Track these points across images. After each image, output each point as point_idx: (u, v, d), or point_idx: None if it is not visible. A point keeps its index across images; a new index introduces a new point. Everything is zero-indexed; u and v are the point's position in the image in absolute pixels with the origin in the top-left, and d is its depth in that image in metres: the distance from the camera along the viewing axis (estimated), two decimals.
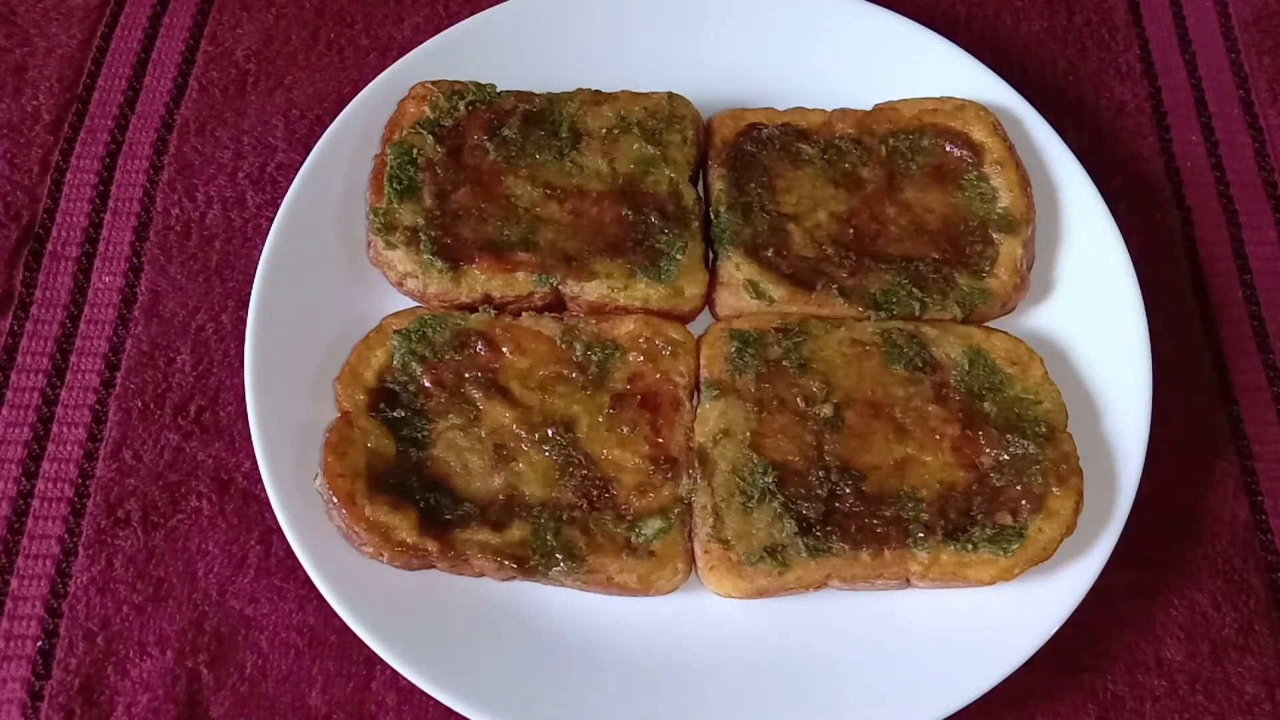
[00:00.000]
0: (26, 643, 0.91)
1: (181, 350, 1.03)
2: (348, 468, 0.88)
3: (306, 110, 1.15)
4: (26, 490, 0.97)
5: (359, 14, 1.22)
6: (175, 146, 1.13)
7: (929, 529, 0.87)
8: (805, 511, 0.88)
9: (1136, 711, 0.91)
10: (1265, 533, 0.98)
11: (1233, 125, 1.18)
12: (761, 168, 1.03)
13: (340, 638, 0.90)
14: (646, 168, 1.02)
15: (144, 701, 0.88)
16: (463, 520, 0.87)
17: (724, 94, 1.08)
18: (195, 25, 1.21)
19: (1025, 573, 0.86)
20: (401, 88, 1.04)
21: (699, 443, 0.91)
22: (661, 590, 0.88)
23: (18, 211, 1.09)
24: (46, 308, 1.05)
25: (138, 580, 0.93)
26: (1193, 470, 1.00)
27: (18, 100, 1.15)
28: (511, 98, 1.04)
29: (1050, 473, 0.89)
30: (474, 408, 0.92)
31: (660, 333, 0.95)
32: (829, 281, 0.97)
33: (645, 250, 0.98)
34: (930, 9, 1.22)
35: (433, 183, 0.99)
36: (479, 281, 0.96)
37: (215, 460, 0.98)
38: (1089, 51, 1.22)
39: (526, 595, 0.89)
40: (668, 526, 0.88)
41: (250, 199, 1.10)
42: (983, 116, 1.04)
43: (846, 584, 0.88)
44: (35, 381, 1.01)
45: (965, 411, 0.92)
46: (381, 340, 0.94)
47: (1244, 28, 1.24)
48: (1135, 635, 0.93)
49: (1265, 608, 0.95)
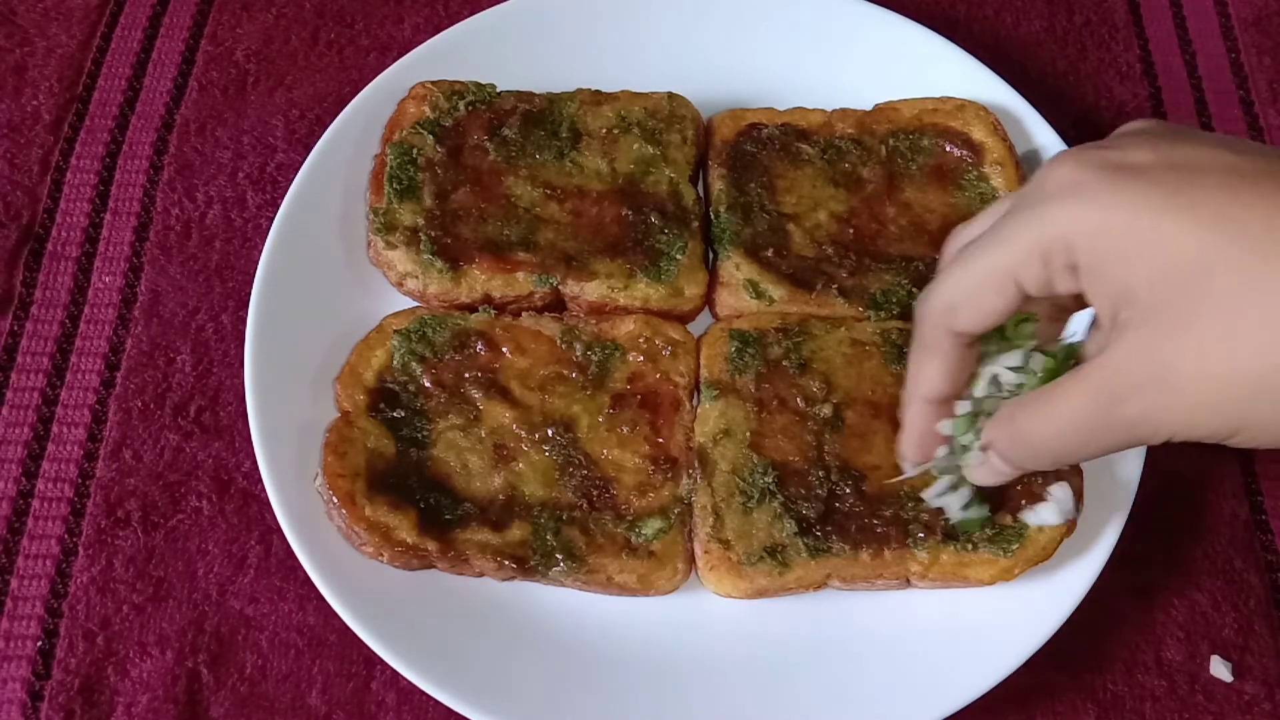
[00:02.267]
0: (26, 643, 0.91)
1: (181, 350, 1.03)
2: (348, 468, 0.88)
3: (306, 110, 1.15)
4: (26, 490, 0.97)
5: (359, 14, 1.22)
6: (175, 146, 1.13)
7: (929, 529, 0.87)
8: (805, 511, 0.88)
9: (1136, 711, 0.91)
10: (1265, 533, 0.98)
11: (1233, 125, 1.18)
12: (761, 168, 1.03)
13: (340, 638, 0.90)
14: (646, 168, 1.02)
15: (144, 701, 0.89)
16: (463, 520, 0.87)
17: (724, 94, 1.08)
18: (195, 25, 1.21)
19: (1025, 573, 0.86)
20: (401, 88, 1.04)
21: (699, 443, 0.92)
22: (661, 590, 0.88)
23: (18, 211, 1.09)
24: (46, 308, 1.05)
25: (138, 580, 0.93)
26: (1193, 470, 1.00)
27: (18, 100, 1.15)
28: (511, 98, 1.04)
29: (1050, 473, 0.89)
30: (474, 408, 0.92)
31: (660, 333, 0.95)
32: (829, 281, 0.97)
33: (645, 250, 0.98)
34: (930, 9, 1.22)
35: (433, 183, 0.99)
36: (479, 281, 0.96)
37: (215, 460, 0.98)
38: (1089, 51, 1.22)
39: (526, 595, 0.89)
40: (667, 526, 0.88)
41: (250, 199, 1.10)
42: (983, 116, 1.04)
43: (846, 584, 0.88)
44: (35, 381, 1.01)
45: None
46: (381, 340, 0.94)
47: (1244, 28, 1.24)
48: (1135, 635, 0.93)
49: (1265, 608, 0.95)
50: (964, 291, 0.71)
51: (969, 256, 0.70)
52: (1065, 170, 0.66)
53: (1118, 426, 0.66)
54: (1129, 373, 0.64)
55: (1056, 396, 0.68)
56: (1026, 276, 0.67)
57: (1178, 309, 0.61)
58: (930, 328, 0.74)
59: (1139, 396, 0.64)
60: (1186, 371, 0.62)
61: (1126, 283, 0.63)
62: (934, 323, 0.74)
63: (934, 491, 0.85)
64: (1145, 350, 0.63)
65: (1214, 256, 0.60)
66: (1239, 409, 0.62)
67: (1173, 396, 0.63)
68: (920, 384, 0.77)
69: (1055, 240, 0.65)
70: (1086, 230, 0.64)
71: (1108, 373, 0.65)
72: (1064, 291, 0.67)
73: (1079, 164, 0.65)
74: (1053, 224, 0.65)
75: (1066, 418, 0.68)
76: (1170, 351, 0.62)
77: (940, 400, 0.77)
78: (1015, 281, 0.68)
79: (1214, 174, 0.62)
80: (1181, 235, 0.61)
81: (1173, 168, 0.63)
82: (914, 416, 0.79)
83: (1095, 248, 0.64)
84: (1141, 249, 0.62)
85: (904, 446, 0.82)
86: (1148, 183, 0.63)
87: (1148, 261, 0.62)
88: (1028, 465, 0.75)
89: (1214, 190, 0.61)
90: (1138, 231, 0.62)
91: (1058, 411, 0.68)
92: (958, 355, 0.75)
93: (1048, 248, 0.65)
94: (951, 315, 0.72)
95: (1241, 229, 0.60)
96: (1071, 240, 0.64)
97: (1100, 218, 0.63)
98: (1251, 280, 0.60)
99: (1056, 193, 0.65)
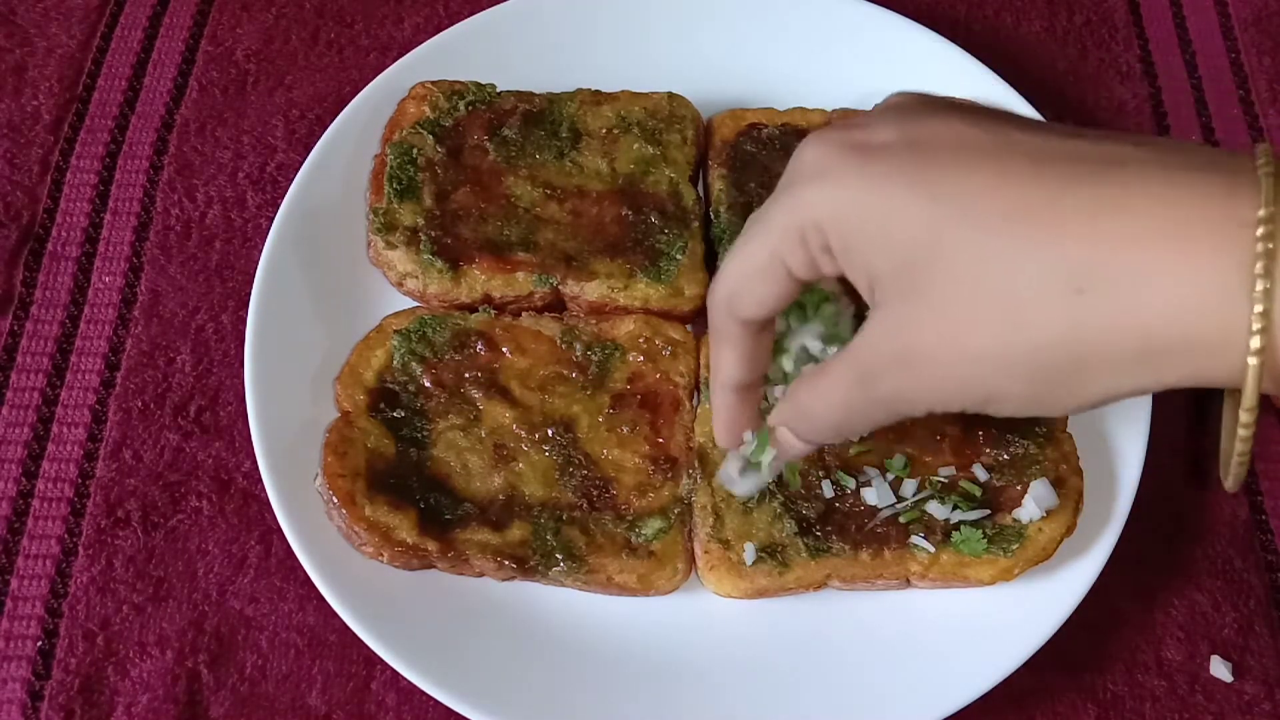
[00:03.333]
0: (26, 643, 0.91)
1: (181, 350, 1.03)
2: (348, 468, 0.88)
3: (306, 110, 1.15)
4: (26, 490, 0.97)
5: (359, 14, 1.22)
6: (175, 146, 1.13)
7: (929, 529, 0.87)
8: (805, 511, 0.88)
9: (1136, 711, 0.91)
10: (1265, 533, 0.98)
11: (1233, 125, 1.18)
12: (761, 168, 1.03)
13: (340, 638, 0.90)
14: (646, 168, 1.02)
15: (144, 701, 0.88)
16: (463, 520, 0.87)
17: (724, 94, 1.08)
18: (195, 25, 1.21)
19: (1025, 573, 0.86)
20: (401, 88, 1.04)
21: (699, 443, 0.92)
22: (661, 590, 0.88)
23: (18, 211, 1.09)
24: (46, 308, 1.05)
25: (138, 580, 0.93)
26: (1193, 470, 1.00)
27: (18, 100, 1.15)
28: (511, 98, 1.04)
29: (1050, 473, 0.89)
30: (474, 408, 0.92)
31: (660, 333, 0.95)
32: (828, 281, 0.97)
33: (645, 250, 0.98)
34: (930, 9, 1.22)
35: (433, 183, 0.99)
36: (479, 281, 0.96)
37: (215, 460, 0.98)
38: (1089, 51, 1.22)
39: (526, 595, 0.89)
40: (667, 526, 0.88)
41: (250, 199, 1.10)
42: None
43: (846, 584, 0.88)
44: (35, 381, 1.01)
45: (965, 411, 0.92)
46: (381, 340, 0.94)
47: (1244, 28, 1.24)
48: (1135, 635, 0.93)
49: (1265, 608, 0.95)
50: (739, 280, 0.71)
51: (739, 244, 0.70)
52: (813, 152, 0.65)
53: (877, 402, 0.67)
54: (879, 352, 0.65)
55: (824, 375, 0.70)
56: (791, 261, 0.67)
57: (915, 288, 0.62)
58: (720, 317, 0.74)
59: (890, 375, 0.65)
60: (927, 350, 0.63)
61: (873, 263, 0.63)
62: (721, 312, 0.74)
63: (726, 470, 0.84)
64: (891, 330, 0.64)
65: (945, 235, 0.60)
66: (984, 383, 0.62)
67: (919, 374, 0.64)
68: (720, 372, 0.77)
69: (807, 224, 0.65)
70: (832, 213, 0.64)
71: (862, 352, 0.66)
72: (830, 274, 0.67)
73: (825, 145, 0.65)
74: (803, 208, 0.65)
75: (833, 396, 0.69)
76: (912, 331, 0.63)
77: (742, 386, 0.77)
78: (783, 266, 0.67)
79: (948, 151, 0.62)
80: (916, 214, 0.61)
81: (911, 145, 0.63)
82: (719, 404, 0.79)
83: (842, 230, 0.64)
84: (881, 229, 0.62)
85: (716, 434, 0.82)
86: (886, 162, 0.63)
87: (887, 241, 0.62)
88: (815, 439, 0.75)
89: (947, 167, 0.61)
90: (877, 212, 0.62)
91: (825, 390, 0.69)
92: (749, 342, 0.74)
93: (803, 230, 0.65)
94: (734, 303, 0.72)
95: (970, 205, 0.60)
96: (820, 222, 0.64)
97: (843, 199, 0.63)
98: (980, 258, 0.60)
99: (806, 176, 0.65)
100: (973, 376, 0.62)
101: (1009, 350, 0.61)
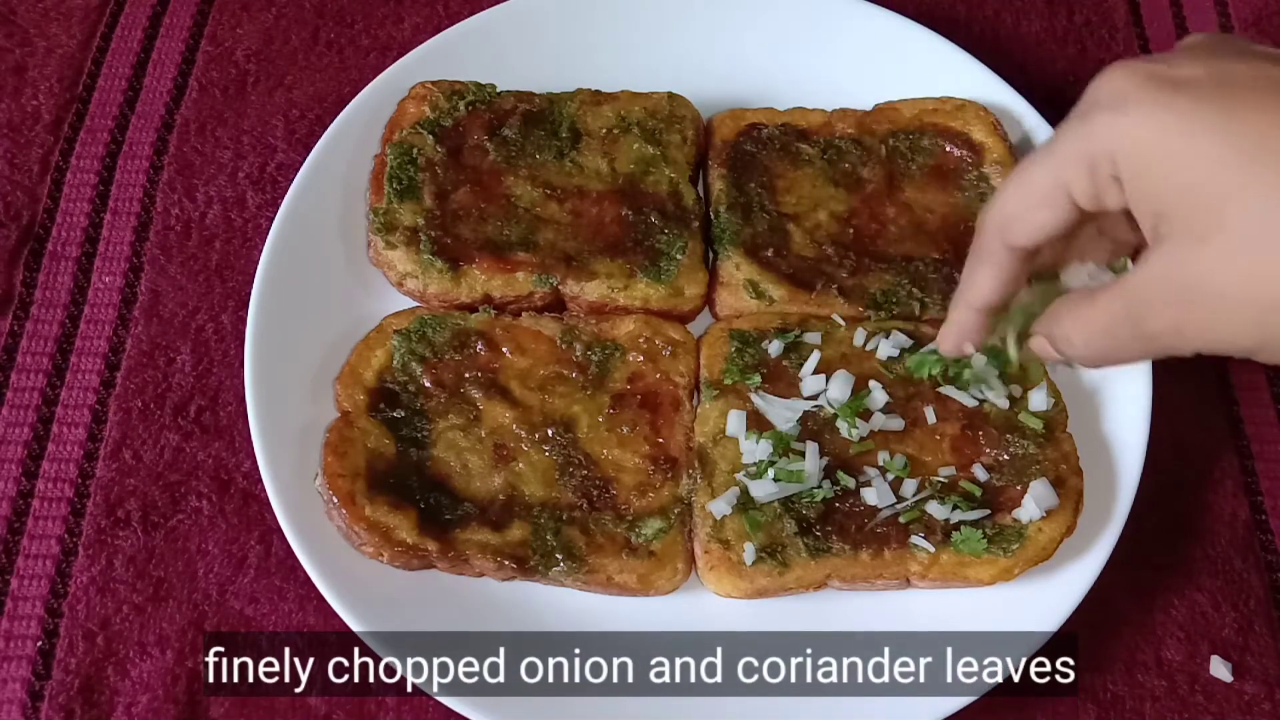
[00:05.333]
0: (26, 643, 0.91)
1: (181, 350, 1.03)
2: (348, 468, 0.88)
3: (306, 110, 1.15)
4: (26, 490, 0.97)
5: (359, 14, 1.22)
6: (175, 146, 1.13)
7: (929, 529, 0.87)
8: (805, 511, 0.88)
9: (1136, 711, 0.91)
10: (1265, 533, 0.98)
11: None
12: (761, 168, 1.03)
13: (340, 638, 0.90)
14: (646, 168, 1.02)
15: (144, 701, 0.88)
16: (463, 520, 0.87)
17: (724, 94, 1.08)
18: (195, 25, 1.21)
19: (1025, 573, 0.86)
20: (401, 88, 1.04)
21: (699, 443, 0.92)
22: (661, 590, 0.88)
23: (18, 211, 1.09)
24: (46, 308, 1.05)
25: (138, 580, 0.93)
26: (1193, 470, 1.00)
27: (18, 100, 1.15)
28: (511, 98, 1.04)
29: (1050, 473, 0.89)
30: (474, 408, 0.92)
31: (660, 333, 0.95)
32: (829, 281, 0.97)
33: (645, 250, 0.98)
34: (930, 9, 1.22)
35: (433, 183, 0.99)
36: (479, 281, 0.96)
37: (215, 460, 0.98)
38: (1089, 51, 1.22)
39: (526, 595, 0.89)
40: (667, 526, 0.88)
41: (250, 199, 1.10)
42: (983, 116, 1.04)
43: (846, 584, 0.88)
44: (35, 381, 1.01)
45: (965, 411, 0.92)
46: (381, 340, 0.94)
47: (1244, 28, 1.24)
48: (1135, 635, 0.93)
49: (1265, 608, 0.95)
50: (1017, 204, 0.71)
51: (1023, 169, 0.71)
52: (1114, 81, 0.65)
53: (1144, 337, 0.67)
54: (1157, 287, 0.65)
55: (1092, 303, 0.70)
56: (1076, 189, 0.67)
57: (1205, 225, 0.61)
58: (988, 238, 0.75)
59: (1166, 311, 0.64)
60: (1211, 288, 0.62)
61: (1162, 196, 0.63)
62: (991, 234, 0.74)
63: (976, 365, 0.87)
64: (1173, 266, 0.63)
65: (1245, 173, 0.60)
66: (1263, 326, 0.62)
67: (1197, 312, 0.63)
68: (969, 290, 0.78)
69: (1100, 152, 0.65)
70: (1127, 142, 0.64)
71: (1138, 285, 0.66)
72: (1113, 206, 0.67)
73: (1127, 75, 0.65)
74: (1097, 135, 0.65)
75: (1097, 325, 0.69)
76: (1196, 267, 0.62)
77: (986, 308, 0.78)
78: (1067, 194, 0.68)
79: (1256, 91, 0.62)
80: (1214, 151, 0.61)
81: (1217, 83, 0.62)
82: (957, 317, 0.80)
83: (1135, 160, 0.63)
84: (1178, 164, 0.62)
85: (941, 339, 0.83)
86: (1190, 97, 0.62)
87: (1181, 176, 0.62)
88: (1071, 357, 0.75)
89: (1252, 108, 0.61)
90: (1176, 146, 0.62)
91: (1090, 318, 0.70)
92: (1010, 266, 0.75)
93: (1093, 159, 0.65)
94: (1008, 227, 0.72)
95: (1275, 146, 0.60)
96: (1114, 152, 0.64)
97: (1140, 130, 0.63)
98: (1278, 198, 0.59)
99: (1103, 103, 0.65)
100: (1252, 319, 0.62)
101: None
